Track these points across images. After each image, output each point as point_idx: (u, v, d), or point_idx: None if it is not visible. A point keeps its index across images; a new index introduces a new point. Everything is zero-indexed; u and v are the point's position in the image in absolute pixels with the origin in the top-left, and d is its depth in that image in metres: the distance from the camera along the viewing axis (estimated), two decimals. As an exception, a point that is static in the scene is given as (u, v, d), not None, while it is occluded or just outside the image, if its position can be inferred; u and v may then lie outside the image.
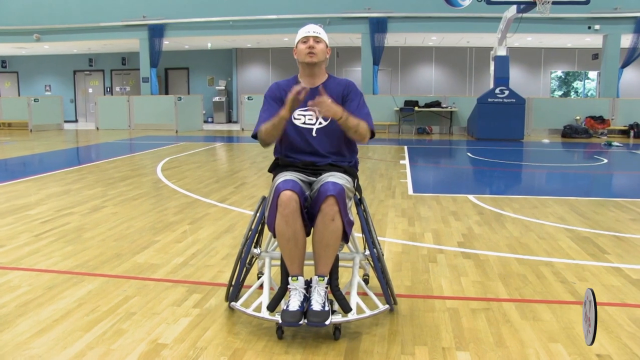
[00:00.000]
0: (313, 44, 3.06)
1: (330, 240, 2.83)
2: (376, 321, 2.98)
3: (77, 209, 5.84)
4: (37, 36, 18.96)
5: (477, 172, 9.73)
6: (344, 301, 2.85)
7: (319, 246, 2.85)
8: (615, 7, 16.04)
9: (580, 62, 21.39)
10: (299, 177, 2.97)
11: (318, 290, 2.79)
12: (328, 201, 2.80)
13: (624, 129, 16.15)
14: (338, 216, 2.82)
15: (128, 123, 18.59)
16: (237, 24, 17.71)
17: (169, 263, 4.01)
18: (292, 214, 2.80)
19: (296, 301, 2.76)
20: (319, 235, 2.84)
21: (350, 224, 2.92)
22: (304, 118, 3.11)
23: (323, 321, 2.69)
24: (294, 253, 2.84)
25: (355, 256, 3.15)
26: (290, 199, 2.80)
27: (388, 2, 16.85)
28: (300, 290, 2.80)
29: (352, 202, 3.06)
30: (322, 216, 2.82)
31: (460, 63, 21.54)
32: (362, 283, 3.10)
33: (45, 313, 3.06)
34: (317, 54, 3.07)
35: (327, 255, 2.85)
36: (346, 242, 2.99)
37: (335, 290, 2.89)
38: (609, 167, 10.21)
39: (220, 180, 7.78)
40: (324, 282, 2.82)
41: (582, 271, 3.86)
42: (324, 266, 2.86)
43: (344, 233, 2.88)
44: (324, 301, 2.77)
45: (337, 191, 2.81)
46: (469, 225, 5.20)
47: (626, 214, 5.72)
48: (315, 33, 3.09)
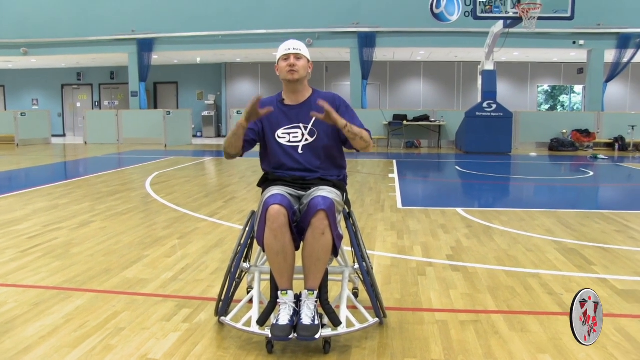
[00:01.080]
0: (294, 62, 3.05)
1: (321, 254, 2.83)
2: (366, 334, 2.98)
3: (65, 224, 5.81)
4: (25, 50, 18.90)
5: (465, 185, 9.79)
6: (334, 315, 2.86)
7: (309, 260, 2.85)
8: (598, 23, 16.30)
9: (566, 77, 21.65)
10: (287, 192, 2.98)
11: (308, 304, 2.79)
12: (318, 215, 2.81)
13: (609, 142, 16.34)
14: (328, 230, 2.82)
15: (117, 137, 18.52)
16: (226, 38, 17.77)
17: (158, 278, 3.99)
18: (281, 228, 2.81)
19: (286, 315, 2.76)
20: (309, 249, 2.84)
21: (340, 237, 2.92)
22: (289, 137, 3.10)
23: (313, 335, 2.69)
24: (283, 267, 2.84)
25: (345, 270, 3.13)
26: (278, 213, 2.81)
27: (376, 17, 17.00)
28: (290, 305, 2.81)
29: (341, 216, 3.05)
30: (312, 230, 2.82)
31: (448, 77, 21.73)
32: (351, 297, 3.10)
33: (31, 330, 3.03)
34: (298, 71, 3.06)
35: (317, 269, 2.85)
36: (336, 256, 2.99)
37: (324, 304, 2.90)
38: (595, 180, 10.31)
39: (209, 195, 7.77)
40: (313, 296, 2.82)
41: (569, 282, 3.90)
42: (313, 280, 2.85)
43: (334, 247, 2.88)
44: (313, 315, 2.77)
45: (327, 205, 2.82)
46: (457, 238, 5.23)
47: (612, 226, 5.78)
48: (295, 50, 3.08)
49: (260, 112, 2.92)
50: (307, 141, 3.09)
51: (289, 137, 3.10)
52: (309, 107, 3.09)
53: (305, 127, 3.10)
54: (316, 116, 2.96)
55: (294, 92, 3.14)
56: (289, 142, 3.10)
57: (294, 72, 3.05)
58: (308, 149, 3.09)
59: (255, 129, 3.14)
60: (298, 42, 3.15)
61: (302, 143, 3.09)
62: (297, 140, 3.10)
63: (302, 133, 3.09)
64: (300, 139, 3.09)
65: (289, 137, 3.10)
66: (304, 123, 3.11)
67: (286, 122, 3.11)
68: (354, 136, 2.99)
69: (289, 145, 3.10)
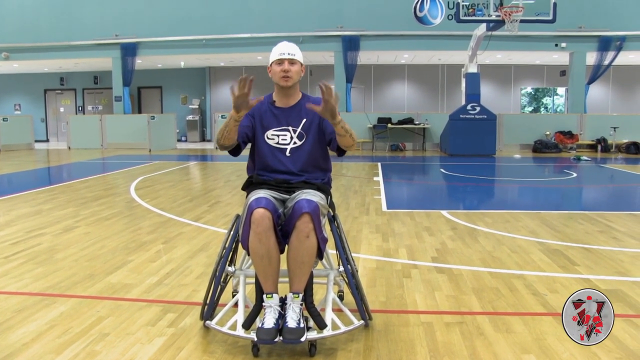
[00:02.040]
0: (288, 67, 3.04)
1: (305, 258, 2.83)
2: (351, 337, 2.99)
3: (48, 229, 5.75)
4: (6, 54, 18.70)
5: (450, 187, 9.85)
6: (319, 318, 2.86)
7: (294, 263, 2.85)
8: (580, 26, 16.50)
9: (549, 79, 21.88)
10: (272, 195, 2.98)
11: (293, 307, 2.80)
12: (303, 218, 2.81)
13: (591, 144, 16.53)
14: (313, 233, 2.83)
15: (101, 142, 18.38)
16: (210, 42, 17.74)
17: (143, 283, 3.97)
18: (265, 232, 2.81)
19: (271, 319, 2.76)
20: (293, 252, 2.85)
21: (325, 240, 2.92)
22: (278, 138, 3.11)
23: (298, 338, 2.70)
24: (268, 270, 2.84)
25: (330, 273, 3.14)
26: (263, 217, 2.81)
27: (360, 21, 17.07)
28: (275, 308, 2.81)
29: (326, 219, 3.05)
30: (296, 233, 2.82)
31: (432, 80, 21.85)
32: (336, 299, 3.10)
33: (14, 337, 3.00)
34: (292, 77, 3.05)
35: (302, 272, 2.85)
36: (320, 259, 3.00)
37: (310, 307, 2.90)
38: (578, 181, 10.42)
39: (194, 199, 7.74)
40: (298, 299, 2.83)
41: (553, 283, 3.93)
42: (298, 283, 2.86)
43: (319, 250, 2.89)
44: (299, 318, 2.77)
45: (311, 208, 2.83)
46: (442, 240, 5.26)
47: (595, 226, 5.84)
48: (290, 55, 3.05)
49: (250, 103, 2.84)
50: (296, 144, 3.11)
51: (278, 139, 3.11)
52: (298, 111, 3.12)
53: (294, 130, 3.11)
54: (313, 108, 2.89)
55: (286, 96, 3.13)
56: (278, 144, 3.11)
57: (288, 79, 3.05)
58: (296, 152, 3.11)
59: (250, 126, 3.12)
60: (292, 45, 3.11)
61: (291, 146, 3.11)
62: (285, 142, 3.11)
63: (291, 136, 3.10)
64: (288, 142, 3.11)
65: (278, 138, 3.11)
66: (293, 126, 3.12)
67: (276, 124, 3.12)
68: (345, 132, 2.95)
69: (277, 147, 3.11)
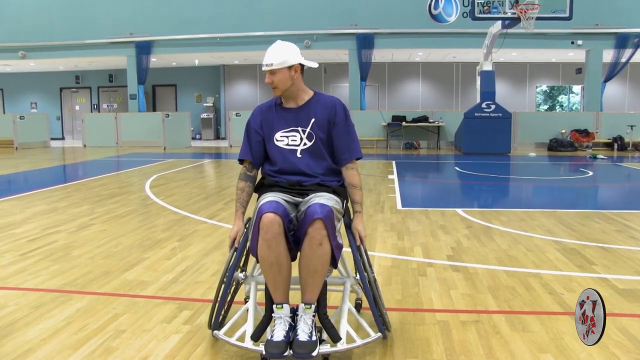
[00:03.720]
0: (269, 80, 2.92)
1: (318, 266, 2.69)
2: (367, 335, 2.97)
3: (64, 227, 5.80)
4: (23, 53, 18.90)
5: (465, 186, 9.79)
6: (333, 330, 2.73)
7: (306, 272, 2.71)
8: (596, 23, 16.32)
9: (564, 77, 21.68)
10: (284, 198, 2.83)
11: (305, 319, 2.66)
12: (315, 225, 2.66)
13: (608, 142, 16.36)
14: (326, 240, 2.68)
15: (115, 140, 18.52)
16: (224, 40, 17.79)
17: (159, 280, 3.99)
18: (275, 238, 2.66)
19: (281, 331, 2.63)
20: (305, 260, 2.70)
21: (339, 247, 2.77)
22: (287, 139, 2.99)
23: (310, 352, 2.56)
24: (277, 279, 2.70)
25: (346, 281, 3.01)
26: (272, 222, 2.66)
27: (374, 19, 17.01)
28: (286, 319, 2.67)
29: (341, 224, 2.91)
30: (308, 240, 2.68)
31: (446, 78, 21.74)
32: (352, 310, 2.94)
33: (32, 332, 3.03)
34: (277, 87, 2.92)
35: (314, 282, 2.71)
36: (335, 267, 2.85)
37: (323, 318, 2.76)
38: (595, 180, 10.32)
39: (209, 197, 7.76)
40: (311, 310, 2.68)
41: (570, 282, 3.89)
42: (310, 293, 2.72)
43: (333, 258, 2.74)
44: (310, 330, 2.64)
45: (324, 214, 2.67)
46: (457, 238, 5.23)
47: (612, 225, 5.78)
48: (268, 67, 2.90)
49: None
50: (306, 145, 2.97)
51: (287, 140, 2.99)
52: (308, 111, 2.99)
53: (303, 130, 2.98)
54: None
55: (288, 98, 3.01)
56: (288, 146, 2.98)
57: (275, 89, 2.94)
58: (307, 153, 2.97)
59: (261, 141, 3.06)
60: (273, 51, 2.94)
61: (301, 147, 2.97)
62: (295, 144, 2.98)
63: (301, 137, 2.97)
64: (298, 143, 2.97)
65: (288, 140, 2.99)
66: (302, 126, 2.99)
67: (284, 125, 3.00)
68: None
69: (288, 148, 2.98)
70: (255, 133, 3.05)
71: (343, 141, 2.98)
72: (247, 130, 3.10)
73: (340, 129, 2.98)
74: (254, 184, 3.10)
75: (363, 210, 3.00)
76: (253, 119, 3.08)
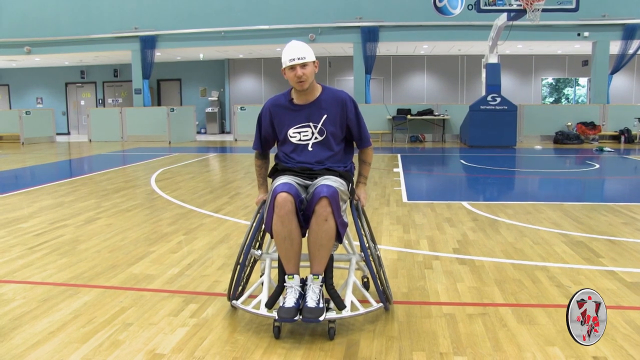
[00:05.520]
0: (301, 73, 3.06)
1: (324, 240, 2.94)
2: (373, 327, 2.98)
3: (70, 221, 5.82)
4: (28, 49, 18.92)
5: (470, 179, 9.76)
6: (338, 299, 2.97)
7: (314, 246, 2.96)
8: (603, 14, 16.19)
9: (570, 69, 21.55)
10: (296, 181, 3.09)
11: (313, 288, 2.92)
12: (321, 202, 2.93)
13: (614, 135, 16.27)
14: (331, 217, 2.94)
15: (121, 135, 18.55)
16: (229, 34, 17.75)
17: (165, 273, 4.00)
18: (288, 215, 2.93)
19: (292, 298, 2.89)
20: (313, 235, 2.96)
21: (344, 225, 3.04)
22: (299, 135, 3.20)
23: (317, 317, 2.81)
24: (289, 252, 2.96)
25: (352, 257, 3.23)
26: (285, 201, 2.94)
27: (379, 12, 16.94)
28: (296, 288, 2.94)
29: (347, 205, 3.18)
30: (315, 217, 2.94)
31: (451, 71, 21.65)
32: (357, 282, 3.17)
33: (40, 325, 3.04)
34: (307, 80, 3.09)
35: (321, 254, 2.96)
36: (339, 242, 3.08)
37: (329, 288, 3.01)
38: (601, 172, 10.27)
39: (214, 191, 7.77)
40: (318, 281, 2.94)
41: (577, 275, 3.88)
42: (318, 265, 2.97)
43: (338, 234, 2.99)
44: (318, 298, 2.89)
45: (330, 193, 2.94)
46: (463, 231, 5.22)
47: (619, 218, 5.75)
48: (300, 60, 3.06)
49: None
50: (317, 139, 3.19)
51: (300, 136, 3.20)
52: (318, 106, 3.17)
53: (315, 126, 3.18)
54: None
55: (303, 94, 3.18)
56: (300, 141, 3.20)
57: (303, 83, 3.09)
58: (317, 146, 3.20)
59: (272, 131, 3.29)
60: (300, 46, 3.12)
61: (312, 141, 3.19)
62: (307, 138, 3.20)
63: (312, 132, 3.18)
64: (310, 137, 3.19)
65: (300, 135, 3.20)
66: (313, 122, 3.18)
67: (296, 121, 3.19)
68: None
69: (300, 143, 3.20)
70: (265, 130, 3.30)
71: (355, 132, 3.27)
72: (258, 124, 3.34)
73: (353, 123, 3.24)
74: (269, 161, 3.45)
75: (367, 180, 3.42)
76: (264, 116, 3.29)
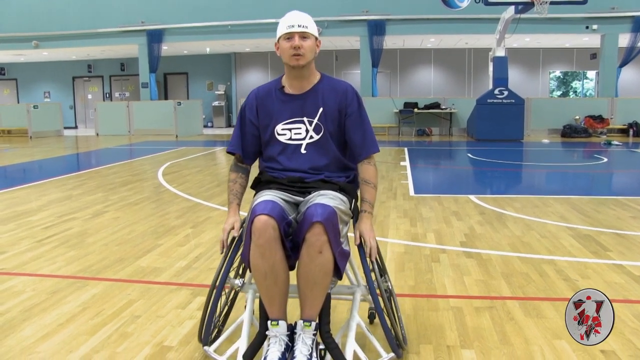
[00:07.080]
0: (299, 43, 2.43)
1: (317, 278, 2.27)
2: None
3: (78, 214, 5.85)
4: (36, 43, 18.98)
5: (477, 172, 9.74)
6: (337, 350, 2.30)
7: (304, 284, 2.29)
8: (613, 7, 16.07)
9: (578, 62, 21.43)
10: (282, 197, 2.42)
11: (303, 338, 2.27)
12: (314, 229, 2.24)
13: (623, 128, 16.18)
14: (327, 247, 2.25)
15: (128, 129, 18.61)
16: (235, 28, 17.75)
17: (173, 266, 4.01)
18: (269, 244, 2.25)
19: (275, 352, 2.24)
20: (303, 270, 2.28)
21: (344, 255, 2.35)
22: (290, 133, 2.54)
23: None
24: (273, 292, 2.31)
25: (356, 290, 2.57)
26: (266, 226, 2.24)
27: (386, 5, 16.89)
28: (282, 338, 2.28)
29: (349, 227, 2.50)
30: (306, 247, 2.26)
31: (458, 64, 21.57)
32: (362, 325, 2.50)
33: (49, 317, 3.06)
34: (304, 55, 2.45)
35: (314, 295, 2.29)
36: (339, 278, 2.39)
37: (325, 337, 2.33)
38: (609, 166, 10.22)
39: (221, 184, 7.78)
40: (310, 329, 2.27)
41: (585, 269, 3.87)
42: (310, 309, 2.30)
43: (336, 268, 2.31)
44: (310, 352, 2.25)
45: (325, 216, 2.24)
46: (470, 225, 5.21)
47: (627, 212, 5.73)
48: (301, 28, 2.43)
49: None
50: (312, 139, 2.53)
51: (291, 134, 2.54)
52: (315, 97, 2.54)
53: (310, 121, 2.53)
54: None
55: (299, 77, 2.53)
56: (291, 140, 2.54)
57: (300, 57, 2.45)
58: (313, 148, 2.54)
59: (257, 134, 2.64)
60: (304, 15, 2.49)
61: (307, 141, 2.54)
62: (300, 137, 2.54)
63: (307, 129, 2.53)
64: (304, 136, 2.54)
65: (291, 133, 2.54)
66: (308, 117, 2.53)
67: (286, 115, 2.54)
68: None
69: (291, 143, 2.54)
70: (250, 124, 2.61)
71: (357, 135, 2.55)
72: (240, 118, 2.65)
73: (354, 121, 2.55)
74: (248, 175, 2.72)
75: (373, 212, 2.58)
76: (248, 107, 2.63)
